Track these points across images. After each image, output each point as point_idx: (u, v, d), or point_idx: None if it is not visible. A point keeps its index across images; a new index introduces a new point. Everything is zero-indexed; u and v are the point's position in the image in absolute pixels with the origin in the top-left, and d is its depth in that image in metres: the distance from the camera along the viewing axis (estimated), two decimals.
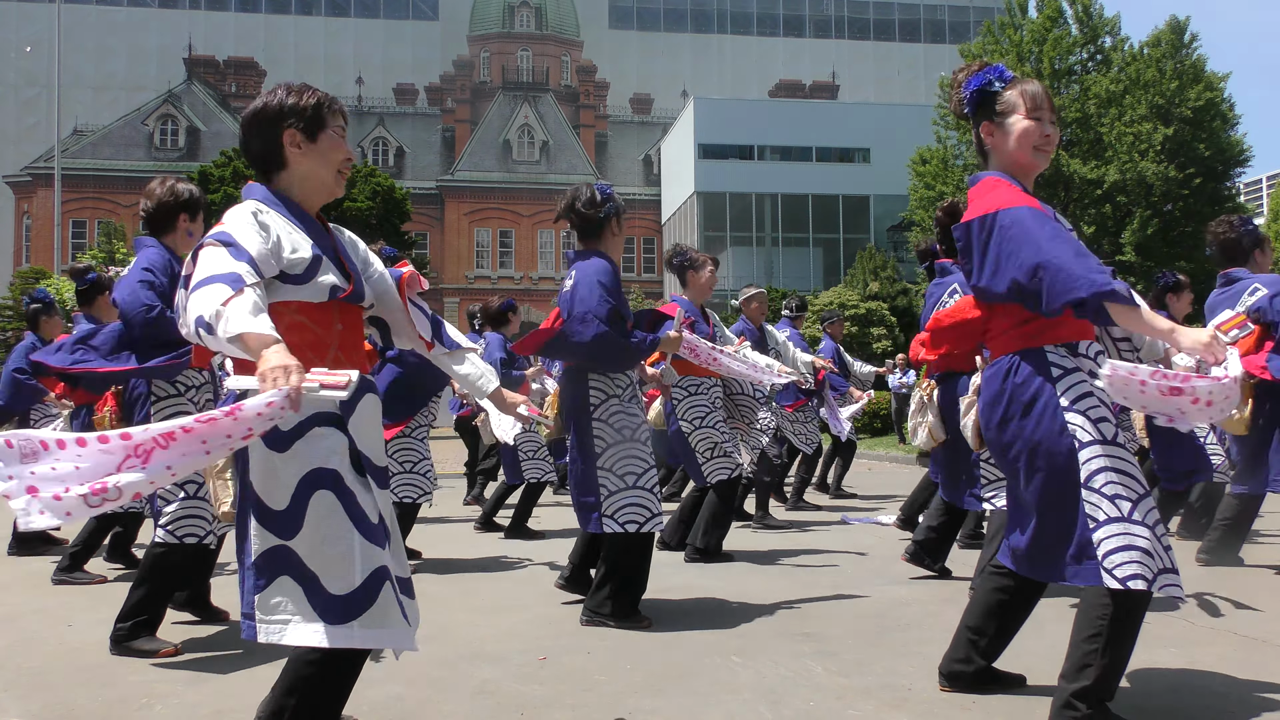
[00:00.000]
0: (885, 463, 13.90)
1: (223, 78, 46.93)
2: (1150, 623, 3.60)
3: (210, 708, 2.76)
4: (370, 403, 2.29)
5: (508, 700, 2.81)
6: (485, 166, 46.84)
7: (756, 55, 50.27)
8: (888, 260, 29.15)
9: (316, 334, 2.22)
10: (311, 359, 2.16)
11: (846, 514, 7.47)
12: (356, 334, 2.35)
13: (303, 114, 2.30)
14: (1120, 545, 2.33)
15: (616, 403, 3.82)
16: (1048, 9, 25.02)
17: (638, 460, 3.78)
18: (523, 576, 4.93)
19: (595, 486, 3.76)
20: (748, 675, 3.02)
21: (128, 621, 3.40)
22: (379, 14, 48.81)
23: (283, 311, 2.17)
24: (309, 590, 2.09)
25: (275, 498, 2.11)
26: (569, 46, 50.30)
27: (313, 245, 2.24)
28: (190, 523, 3.49)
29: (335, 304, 2.25)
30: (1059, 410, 2.45)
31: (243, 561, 2.15)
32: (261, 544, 2.11)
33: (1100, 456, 2.41)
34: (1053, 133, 2.67)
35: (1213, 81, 24.51)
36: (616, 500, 3.73)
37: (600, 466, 3.76)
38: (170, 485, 3.36)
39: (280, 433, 2.11)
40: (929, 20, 50.57)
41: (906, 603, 4.11)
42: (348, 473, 2.15)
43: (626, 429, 3.79)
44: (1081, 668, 2.39)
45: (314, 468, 2.12)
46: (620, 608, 3.73)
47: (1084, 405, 2.45)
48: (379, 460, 2.30)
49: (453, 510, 8.08)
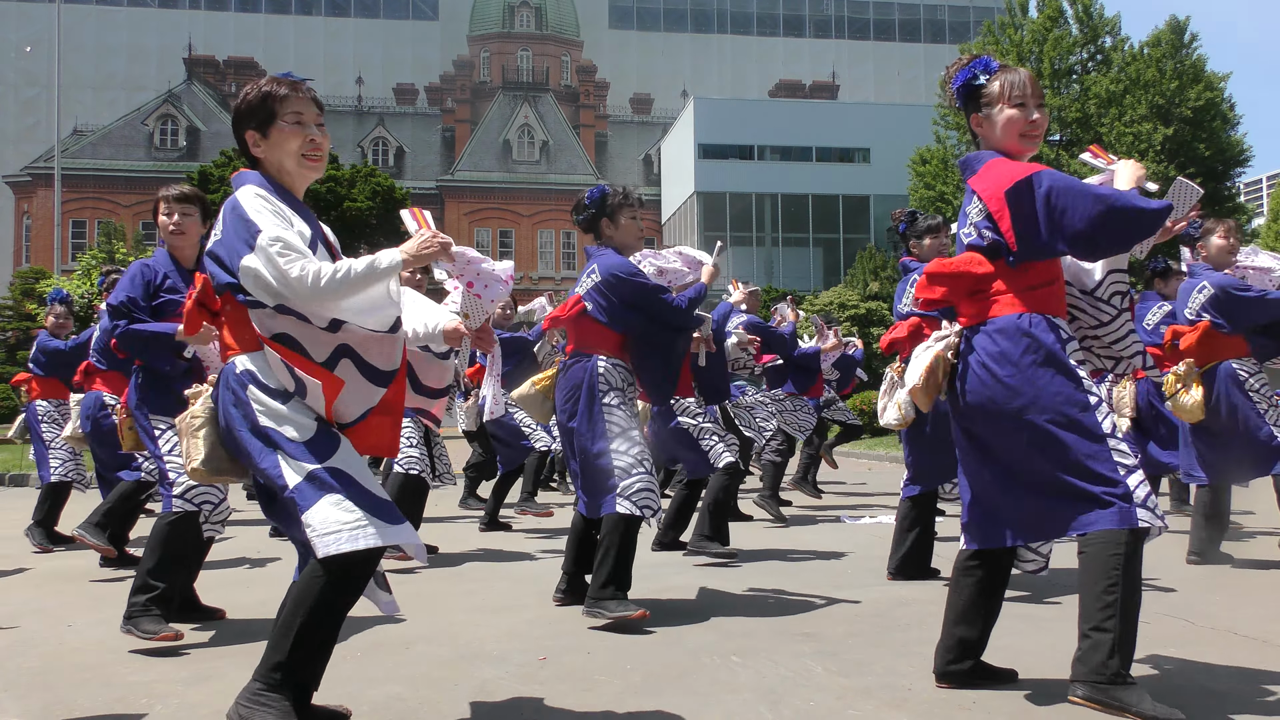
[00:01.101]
0: (885, 463, 13.90)
1: (223, 78, 46.89)
2: (1150, 622, 3.60)
3: (210, 708, 2.76)
4: None
5: (508, 700, 2.81)
6: (485, 166, 46.84)
7: (756, 55, 50.21)
8: (888, 260, 29.13)
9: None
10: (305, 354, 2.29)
11: (846, 514, 7.47)
12: None
13: (254, 114, 2.44)
14: (1147, 492, 2.52)
15: (619, 395, 3.89)
16: (1048, 9, 25.02)
17: (643, 449, 3.85)
18: (523, 576, 4.93)
19: (610, 466, 3.78)
20: (748, 675, 3.02)
21: (141, 596, 3.47)
22: (379, 14, 48.74)
23: None
24: (357, 497, 2.23)
25: (293, 431, 2.26)
26: (569, 46, 50.27)
27: (309, 227, 2.39)
28: (205, 491, 3.61)
29: None
30: (1075, 367, 2.60)
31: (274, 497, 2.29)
32: (297, 472, 2.23)
33: (1109, 418, 2.58)
34: (1039, 118, 2.73)
35: (1213, 81, 24.51)
36: (633, 482, 3.76)
37: (614, 449, 3.79)
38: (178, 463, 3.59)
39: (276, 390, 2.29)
40: (929, 20, 50.53)
41: (906, 603, 4.11)
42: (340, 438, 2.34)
43: (629, 420, 3.88)
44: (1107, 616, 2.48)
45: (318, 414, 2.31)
46: (619, 591, 3.76)
47: (1085, 373, 2.63)
48: None
49: (453, 510, 8.08)
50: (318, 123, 2.49)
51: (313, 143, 2.45)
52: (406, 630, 3.67)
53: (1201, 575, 4.64)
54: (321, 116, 2.52)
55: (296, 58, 44.99)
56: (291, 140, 2.42)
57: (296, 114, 2.43)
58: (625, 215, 4.08)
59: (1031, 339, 2.61)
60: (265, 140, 2.44)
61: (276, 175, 2.46)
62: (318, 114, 2.49)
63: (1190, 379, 4.73)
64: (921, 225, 4.77)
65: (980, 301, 2.72)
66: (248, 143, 2.47)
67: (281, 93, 2.43)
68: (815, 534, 6.42)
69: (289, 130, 2.42)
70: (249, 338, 2.32)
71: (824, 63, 50.06)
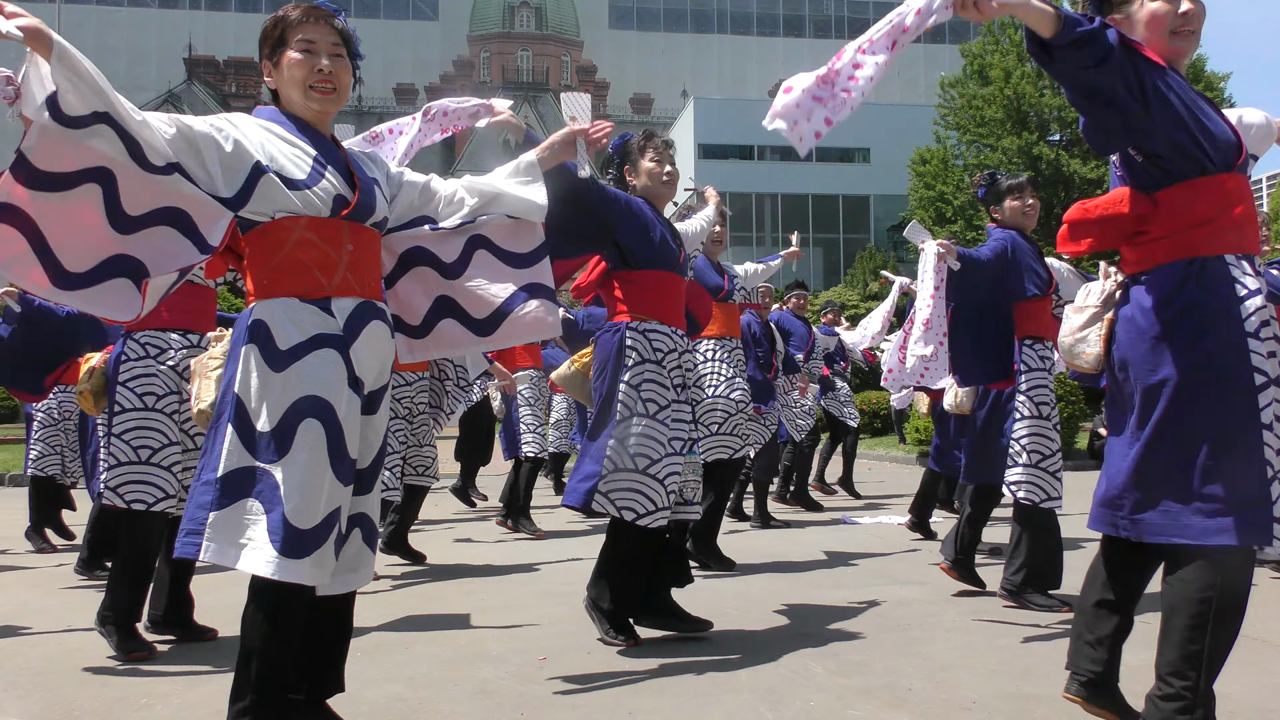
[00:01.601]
0: (885, 463, 13.90)
1: (223, 78, 46.98)
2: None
3: (210, 708, 2.76)
4: (376, 330, 2.27)
5: (508, 700, 2.81)
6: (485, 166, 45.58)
7: (756, 55, 50.28)
8: (888, 260, 29.14)
9: (324, 251, 2.19)
10: (319, 279, 2.17)
11: (846, 514, 7.47)
12: (369, 255, 2.30)
13: (266, 39, 2.29)
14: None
15: (652, 369, 3.34)
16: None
17: (655, 444, 3.28)
18: (523, 576, 4.93)
19: (600, 455, 3.28)
20: (748, 675, 3.02)
21: (111, 611, 3.34)
22: (379, 14, 48.82)
23: (290, 228, 2.17)
24: (273, 518, 2.06)
25: (263, 417, 2.09)
26: (569, 46, 50.33)
27: (316, 156, 2.22)
28: (136, 488, 3.34)
29: (344, 222, 2.22)
30: (1245, 336, 2.06)
31: (199, 475, 2.12)
32: (235, 461, 2.08)
33: (1277, 403, 2.05)
34: (1191, 8, 2.19)
35: (1213, 82, 24.49)
36: (618, 480, 3.25)
37: (612, 436, 3.28)
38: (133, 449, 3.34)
39: (279, 351, 2.12)
40: None
41: (906, 603, 4.11)
42: (342, 404, 2.15)
43: (653, 403, 3.30)
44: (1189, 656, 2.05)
45: (309, 394, 2.11)
46: (608, 612, 3.40)
47: (1265, 336, 2.08)
48: (376, 384, 2.30)
49: (454, 510, 8.08)
50: (334, 52, 2.27)
51: (320, 72, 2.24)
52: (406, 630, 3.67)
53: None
54: (342, 46, 2.29)
55: None
56: (297, 69, 2.23)
57: (307, 41, 2.24)
58: (647, 158, 3.63)
59: (1194, 295, 2.09)
60: (275, 69, 2.27)
61: (289, 109, 2.29)
62: (335, 43, 2.27)
63: None
64: (1003, 186, 4.19)
65: (1144, 244, 2.21)
66: (265, 73, 2.31)
67: (294, 17, 2.25)
68: (816, 534, 6.41)
69: (296, 59, 2.23)
70: (267, 279, 2.19)
71: (824, 63, 49.96)
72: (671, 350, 3.39)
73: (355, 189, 2.25)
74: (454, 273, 2.61)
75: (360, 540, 2.34)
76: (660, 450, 3.28)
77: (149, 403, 3.39)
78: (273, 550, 2.05)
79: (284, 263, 2.18)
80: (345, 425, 2.16)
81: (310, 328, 2.15)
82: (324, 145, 2.28)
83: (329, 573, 2.15)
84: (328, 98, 2.27)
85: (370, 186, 2.31)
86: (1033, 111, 23.52)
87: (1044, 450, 3.94)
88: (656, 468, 3.27)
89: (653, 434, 3.28)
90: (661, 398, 3.32)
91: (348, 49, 2.32)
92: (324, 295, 2.19)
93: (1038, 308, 4.06)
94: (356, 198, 2.24)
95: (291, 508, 2.07)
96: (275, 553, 2.05)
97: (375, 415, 2.33)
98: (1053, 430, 3.98)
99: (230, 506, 2.08)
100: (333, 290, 2.20)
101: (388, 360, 2.35)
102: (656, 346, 3.36)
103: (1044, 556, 3.91)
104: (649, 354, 3.34)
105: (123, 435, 3.36)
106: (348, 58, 2.31)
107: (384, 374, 2.34)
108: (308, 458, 2.09)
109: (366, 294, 2.26)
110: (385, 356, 2.33)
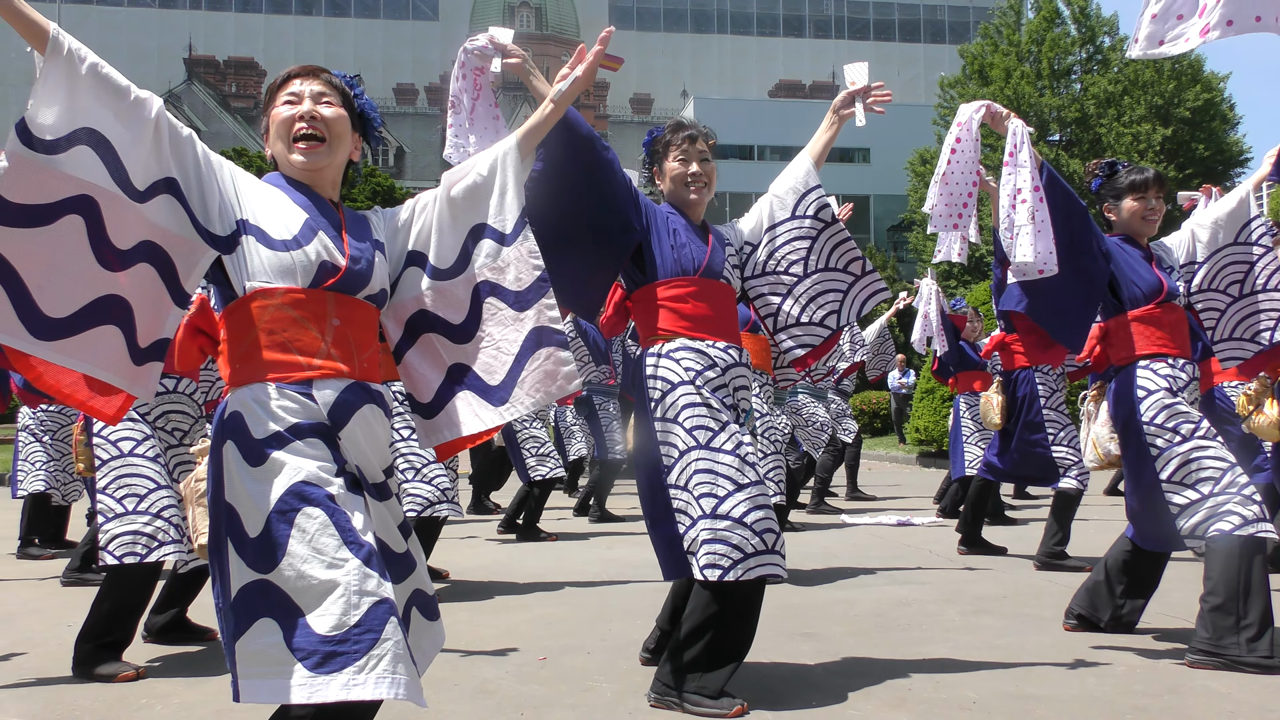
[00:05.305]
0: (885, 463, 13.89)
1: (223, 78, 46.92)
2: (1150, 623, 3.60)
3: (210, 708, 2.76)
4: (369, 413, 1.98)
5: (508, 700, 2.81)
6: None
7: (756, 55, 50.23)
8: (888, 260, 29.13)
9: (303, 329, 1.92)
10: (298, 360, 1.91)
11: (847, 514, 7.47)
12: (361, 331, 2.01)
13: (264, 109, 2.13)
14: None
15: (686, 391, 2.76)
16: (1044, 9, 25.02)
17: (719, 479, 2.68)
18: (523, 577, 4.93)
19: (670, 512, 2.75)
20: (748, 675, 3.02)
21: (89, 643, 3.15)
22: (379, 14, 48.78)
23: (265, 302, 1.91)
24: (289, 631, 1.76)
25: (251, 521, 1.82)
26: (569, 46, 50.19)
27: (310, 218, 1.99)
28: (126, 540, 3.20)
29: (329, 294, 1.95)
30: None
31: (217, 604, 1.87)
32: (240, 579, 1.82)
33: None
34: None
35: (1211, 82, 24.49)
36: (698, 532, 2.67)
37: (673, 485, 2.74)
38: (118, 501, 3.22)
39: (254, 441, 1.85)
40: (929, 20, 50.52)
41: (906, 603, 4.11)
42: (339, 489, 1.86)
43: (703, 429, 2.72)
44: None
45: (293, 483, 1.83)
46: (704, 681, 2.69)
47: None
48: (375, 476, 2.02)
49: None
50: (322, 101, 2.07)
51: (297, 119, 2.03)
52: None
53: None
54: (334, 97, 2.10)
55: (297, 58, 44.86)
56: (282, 125, 2.04)
57: (292, 94, 2.07)
58: (671, 156, 3.03)
59: None
60: (269, 134, 2.10)
61: (286, 171, 2.09)
62: (322, 92, 2.08)
63: (1264, 396, 4.31)
64: (1123, 181, 3.53)
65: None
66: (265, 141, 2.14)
67: (282, 76, 2.11)
68: (816, 534, 6.41)
69: (278, 113, 2.05)
70: (240, 364, 1.93)
71: (824, 63, 50.02)
72: (710, 366, 2.79)
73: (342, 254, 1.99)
74: (465, 334, 2.24)
75: (421, 619, 2.07)
76: (729, 485, 2.68)
77: (125, 449, 3.28)
78: (304, 671, 1.74)
79: (259, 341, 1.91)
80: (349, 510, 1.85)
81: (288, 415, 1.87)
82: (321, 207, 2.04)
83: (400, 682, 1.76)
84: (313, 149, 2.04)
85: (363, 255, 2.03)
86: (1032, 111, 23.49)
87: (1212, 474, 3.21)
88: (730, 505, 2.66)
89: (713, 467, 2.69)
90: (712, 420, 2.73)
91: (349, 108, 2.14)
92: (304, 378, 1.91)
93: (1152, 318, 3.40)
94: (345, 267, 1.98)
95: (311, 611, 1.77)
96: (306, 670, 1.74)
97: (390, 500, 2.07)
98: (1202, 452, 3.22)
99: (248, 632, 1.79)
100: (315, 372, 1.92)
101: (384, 448, 2.08)
102: (687, 366, 2.77)
103: None
104: (679, 376, 2.77)
105: (107, 489, 3.25)
106: (342, 108, 2.11)
107: (385, 460, 2.07)
108: (314, 550, 1.79)
109: (357, 375, 1.97)
110: (382, 443, 2.06)
